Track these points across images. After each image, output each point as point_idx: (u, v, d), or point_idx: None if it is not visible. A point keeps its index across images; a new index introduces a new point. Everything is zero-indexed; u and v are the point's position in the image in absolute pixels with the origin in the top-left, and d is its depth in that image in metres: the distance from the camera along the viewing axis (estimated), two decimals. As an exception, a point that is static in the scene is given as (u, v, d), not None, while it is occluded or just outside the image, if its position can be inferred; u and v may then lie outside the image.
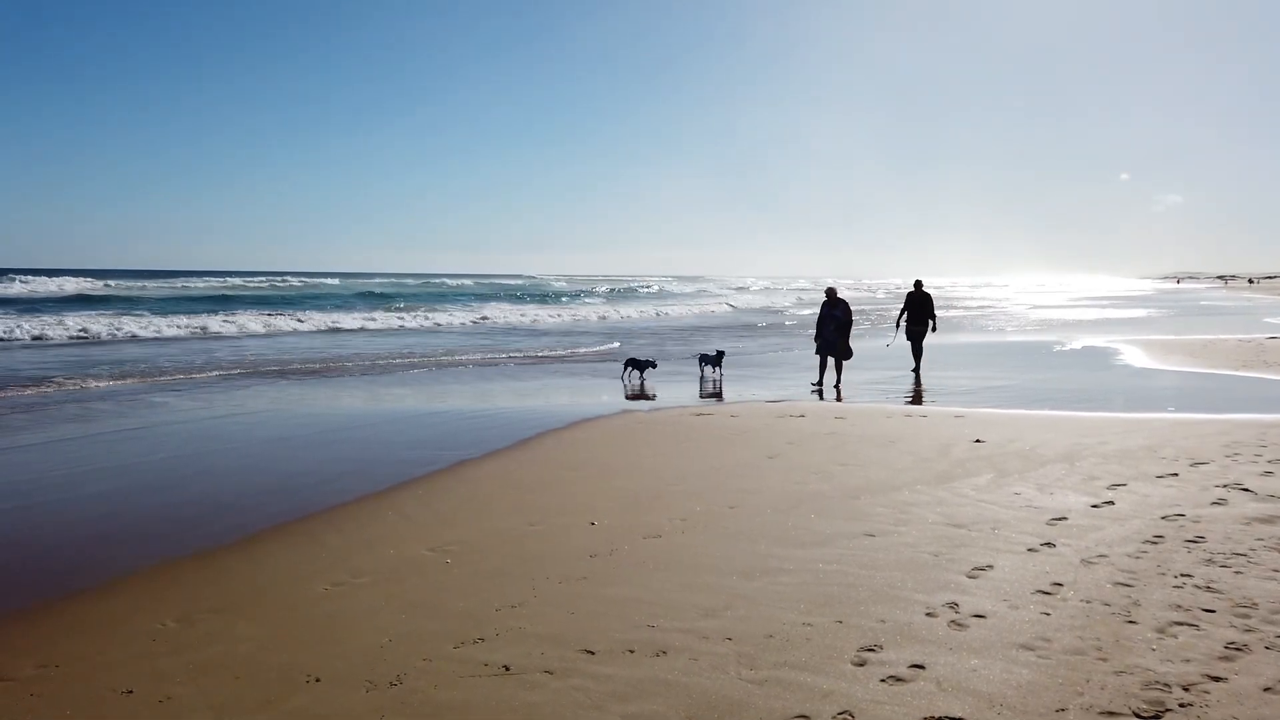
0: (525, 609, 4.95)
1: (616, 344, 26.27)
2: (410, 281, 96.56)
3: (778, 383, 16.43)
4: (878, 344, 22.83)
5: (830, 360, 15.91)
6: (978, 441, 9.50)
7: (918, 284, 17.91)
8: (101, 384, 15.28)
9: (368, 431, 11.09)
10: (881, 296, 79.75)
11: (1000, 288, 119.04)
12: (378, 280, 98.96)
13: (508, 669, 4.20)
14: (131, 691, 4.04)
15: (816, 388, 15.34)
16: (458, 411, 12.52)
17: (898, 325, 18.08)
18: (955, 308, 53.27)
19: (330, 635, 4.64)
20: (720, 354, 17.26)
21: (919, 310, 17.63)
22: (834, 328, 15.75)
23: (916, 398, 14.33)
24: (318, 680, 4.11)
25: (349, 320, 34.38)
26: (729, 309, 55.17)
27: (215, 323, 30.99)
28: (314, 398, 14.23)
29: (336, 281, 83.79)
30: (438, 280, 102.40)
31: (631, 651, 4.36)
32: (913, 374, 17.04)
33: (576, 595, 5.15)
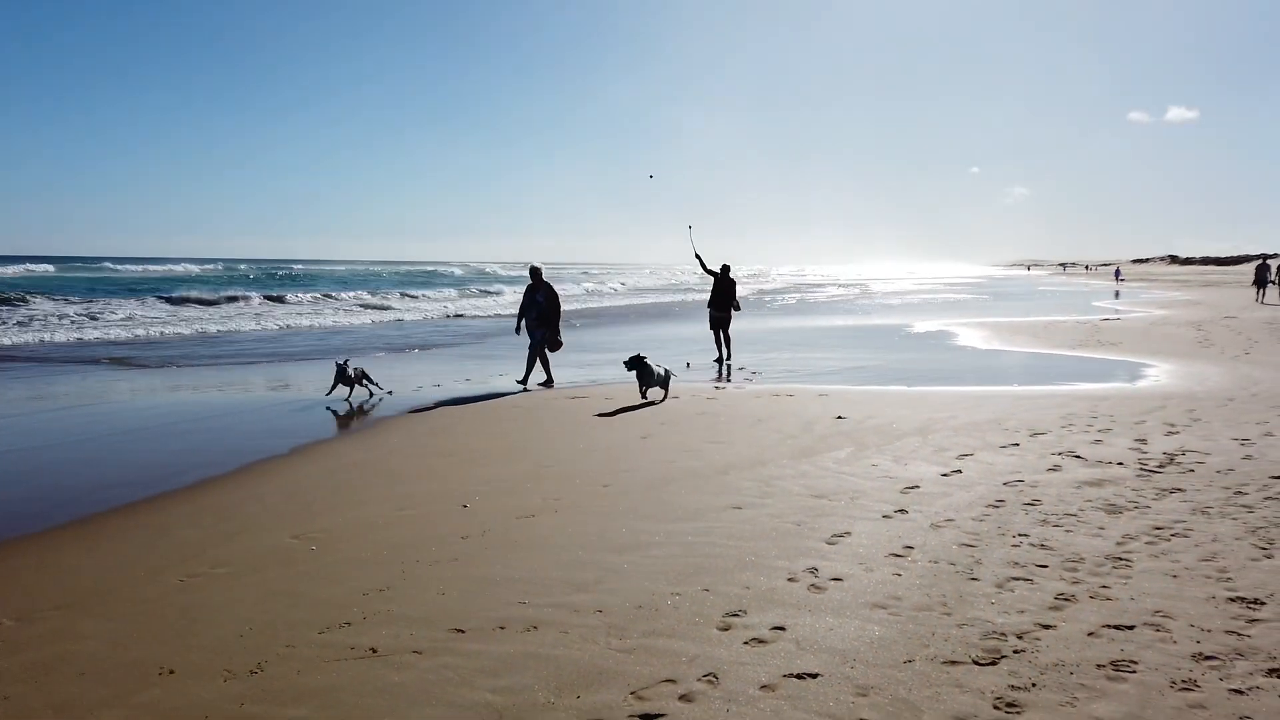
0: (394, 592, 4.88)
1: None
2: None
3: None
4: (692, 329, 23.30)
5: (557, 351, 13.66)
6: (839, 418, 9.91)
7: (725, 269, 17.01)
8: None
9: (227, 420, 10.62)
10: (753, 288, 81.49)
11: (866, 275, 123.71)
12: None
13: (375, 651, 4.14)
14: (-39, 696, 3.78)
15: (523, 385, 13.18)
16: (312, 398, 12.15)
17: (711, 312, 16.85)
18: (824, 293, 55.12)
19: (185, 628, 4.45)
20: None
21: (724, 295, 16.78)
22: (536, 315, 13.51)
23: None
24: (171, 673, 3.95)
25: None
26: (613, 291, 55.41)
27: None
28: (155, 386, 13.51)
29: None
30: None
31: (502, 628, 4.37)
32: (716, 364, 16.15)
33: (447, 577, 5.11)
